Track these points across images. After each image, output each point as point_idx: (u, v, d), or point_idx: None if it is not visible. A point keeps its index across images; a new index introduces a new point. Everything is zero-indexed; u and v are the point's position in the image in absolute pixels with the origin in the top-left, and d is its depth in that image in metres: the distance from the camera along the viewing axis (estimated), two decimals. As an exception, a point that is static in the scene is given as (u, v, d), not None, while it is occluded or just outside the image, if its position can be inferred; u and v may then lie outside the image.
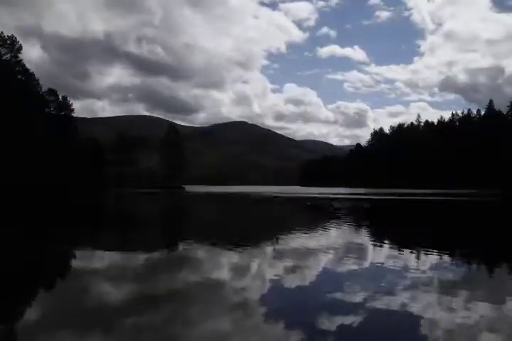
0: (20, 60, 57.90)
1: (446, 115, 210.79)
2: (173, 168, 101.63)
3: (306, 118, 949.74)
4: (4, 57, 56.21)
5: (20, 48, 57.42)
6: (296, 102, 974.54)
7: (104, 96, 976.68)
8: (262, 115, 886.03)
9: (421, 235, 12.72)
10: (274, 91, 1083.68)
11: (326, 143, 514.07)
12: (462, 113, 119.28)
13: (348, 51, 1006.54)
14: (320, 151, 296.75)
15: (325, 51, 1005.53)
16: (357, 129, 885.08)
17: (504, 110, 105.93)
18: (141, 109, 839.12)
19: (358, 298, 5.18)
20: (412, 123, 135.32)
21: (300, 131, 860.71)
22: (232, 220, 18.62)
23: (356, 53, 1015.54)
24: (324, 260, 7.87)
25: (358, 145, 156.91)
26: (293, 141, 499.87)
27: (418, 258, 8.25)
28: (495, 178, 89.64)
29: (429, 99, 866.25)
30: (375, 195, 50.85)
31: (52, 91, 68.91)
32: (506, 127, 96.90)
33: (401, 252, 8.94)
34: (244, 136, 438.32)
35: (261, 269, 7.17)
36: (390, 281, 6.09)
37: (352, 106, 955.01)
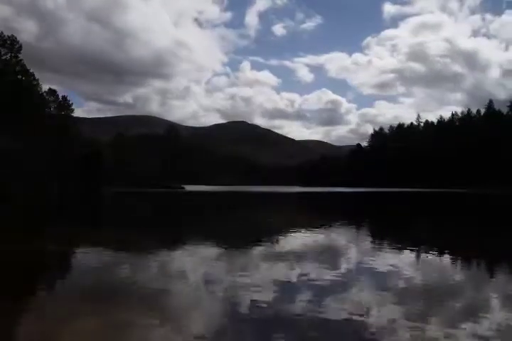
0: (21, 60, 57.73)
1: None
2: (172, 168, 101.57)
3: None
4: (4, 57, 56.08)
5: (20, 48, 57.29)
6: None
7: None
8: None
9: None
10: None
11: (325, 142, 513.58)
12: (462, 113, 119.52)
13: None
14: (319, 151, 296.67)
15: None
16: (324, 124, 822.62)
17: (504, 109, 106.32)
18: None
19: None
20: (411, 123, 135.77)
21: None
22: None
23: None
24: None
25: (358, 145, 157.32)
26: (293, 140, 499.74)
27: None
28: (495, 178, 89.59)
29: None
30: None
31: (52, 91, 68.81)
32: (506, 127, 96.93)
33: None
34: (244, 136, 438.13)
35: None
36: None
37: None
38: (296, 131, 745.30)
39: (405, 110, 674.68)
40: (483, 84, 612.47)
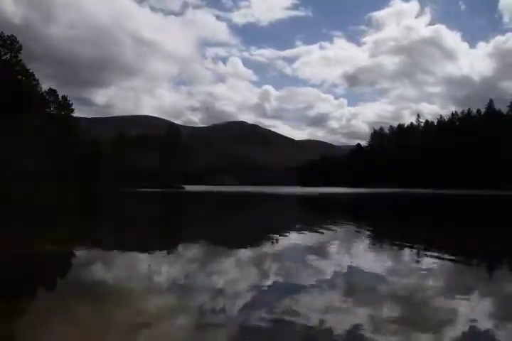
0: (20, 60, 57.71)
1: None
2: (172, 168, 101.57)
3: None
4: (4, 57, 56.05)
5: (20, 48, 57.25)
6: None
7: None
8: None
9: None
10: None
11: (325, 142, 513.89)
12: (462, 112, 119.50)
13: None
14: (319, 151, 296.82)
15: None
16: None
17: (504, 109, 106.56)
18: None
19: None
20: (411, 123, 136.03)
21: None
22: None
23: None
24: None
25: (358, 145, 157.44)
26: (292, 140, 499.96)
27: None
28: (495, 178, 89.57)
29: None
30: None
31: (52, 91, 68.75)
32: (506, 127, 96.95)
33: None
34: (244, 136, 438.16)
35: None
36: None
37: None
38: (283, 129, 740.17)
39: (384, 106, 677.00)
40: (456, 75, 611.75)
